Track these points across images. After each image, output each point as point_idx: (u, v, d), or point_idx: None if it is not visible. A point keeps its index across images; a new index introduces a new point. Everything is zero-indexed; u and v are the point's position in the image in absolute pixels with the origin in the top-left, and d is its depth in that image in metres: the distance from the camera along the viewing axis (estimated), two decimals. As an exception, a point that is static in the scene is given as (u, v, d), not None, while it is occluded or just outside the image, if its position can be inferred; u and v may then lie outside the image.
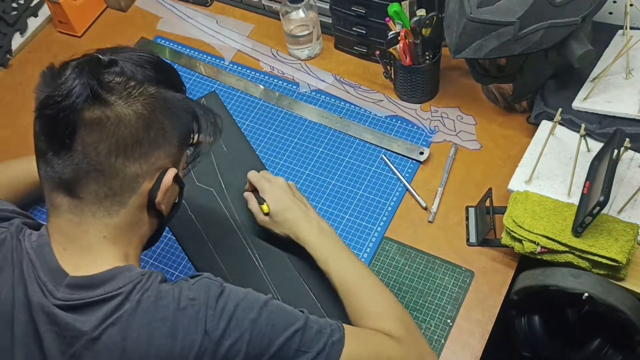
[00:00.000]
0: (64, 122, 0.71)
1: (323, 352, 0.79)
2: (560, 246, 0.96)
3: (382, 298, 0.94)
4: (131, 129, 0.73)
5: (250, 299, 0.78)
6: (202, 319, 0.73)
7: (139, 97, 0.74)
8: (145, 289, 0.74)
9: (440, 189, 1.15)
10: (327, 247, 1.00)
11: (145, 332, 0.72)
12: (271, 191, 1.06)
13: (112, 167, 0.73)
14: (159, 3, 1.56)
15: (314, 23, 1.34)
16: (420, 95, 1.27)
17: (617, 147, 0.93)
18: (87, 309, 0.72)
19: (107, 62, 0.75)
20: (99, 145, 0.72)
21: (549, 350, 1.07)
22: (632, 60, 1.13)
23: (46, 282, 0.74)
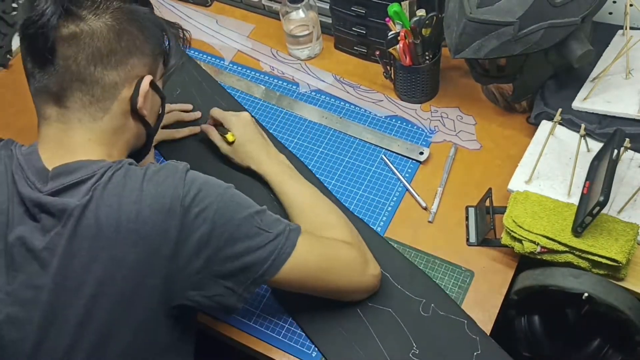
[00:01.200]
0: (43, 38, 0.80)
1: (282, 234, 0.88)
2: (560, 246, 0.96)
3: (332, 213, 1.04)
4: (104, 40, 0.82)
5: (216, 180, 0.87)
6: (171, 186, 0.81)
7: (106, 11, 0.83)
8: (117, 168, 0.82)
9: (440, 189, 1.15)
10: (283, 174, 1.10)
11: (116, 201, 0.79)
12: (237, 124, 1.15)
13: (92, 76, 0.82)
14: (159, 3, 1.56)
15: (314, 23, 1.34)
16: (420, 95, 1.27)
17: (617, 147, 0.93)
18: (69, 190, 0.80)
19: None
20: (77, 57, 0.81)
21: (549, 350, 1.07)
22: (632, 60, 1.13)
23: (34, 182, 0.82)
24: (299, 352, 1.01)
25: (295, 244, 0.88)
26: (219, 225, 0.82)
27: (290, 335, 1.03)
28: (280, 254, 0.87)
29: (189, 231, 0.80)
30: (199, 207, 0.81)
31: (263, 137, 1.16)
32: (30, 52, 0.83)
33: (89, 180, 0.81)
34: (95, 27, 0.81)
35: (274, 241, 0.86)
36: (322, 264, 0.92)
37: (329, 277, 0.94)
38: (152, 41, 0.89)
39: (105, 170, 0.82)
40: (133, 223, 0.78)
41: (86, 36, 0.81)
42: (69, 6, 0.80)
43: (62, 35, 0.80)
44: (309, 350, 1.01)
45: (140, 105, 0.87)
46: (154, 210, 0.79)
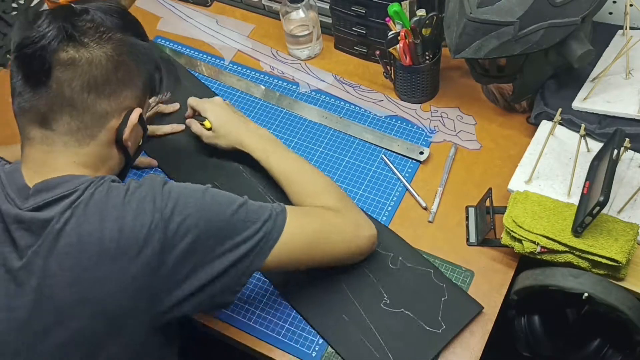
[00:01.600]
0: (40, 60, 0.80)
1: (269, 220, 0.88)
2: (560, 246, 0.96)
3: (320, 180, 1.05)
4: (101, 69, 0.82)
5: (193, 186, 0.87)
6: (150, 200, 0.81)
7: (108, 41, 0.84)
8: (99, 185, 0.82)
9: (440, 189, 1.15)
10: (267, 148, 1.11)
11: (98, 218, 0.79)
12: (211, 109, 1.17)
13: (84, 103, 0.82)
14: (159, 3, 1.56)
15: (314, 23, 1.34)
16: (420, 95, 1.27)
17: (617, 147, 0.93)
18: (49, 206, 0.80)
19: (79, 10, 0.84)
20: (72, 82, 0.81)
21: (549, 350, 1.07)
22: (632, 60, 1.13)
23: (14, 199, 0.81)
24: (299, 352, 1.01)
25: (283, 227, 0.89)
26: (203, 230, 0.82)
27: (290, 335, 1.03)
28: (269, 239, 0.88)
29: (173, 242, 0.80)
30: (180, 216, 0.81)
31: (240, 115, 1.18)
32: (24, 72, 0.82)
33: (70, 195, 0.80)
34: (95, 56, 0.82)
35: (261, 229, 0.87)
36: (312, 238, 0.93)
37: (321, 250, 0.95)
38: (145, 75, 0.90)
39: (87, 186, 0.81)
40: (115, 241, 0.78)
41: (85, 63, 0.81)
42: (72, 32, 0.81)
43: (60, 59, 0.80)
44: (309, 350, 1.01)
45: (125, 137, 0.88)
46: (135, 225, 0.79)
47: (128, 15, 0.91)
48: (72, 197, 0.80)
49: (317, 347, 1.01)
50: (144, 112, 0.92)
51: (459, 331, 0.99)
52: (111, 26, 0.85)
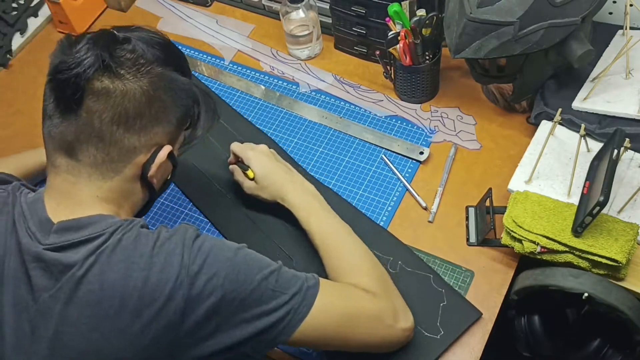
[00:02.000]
0: (74, 87, 0.76)
1: (299, 293, 0.83)
2: (560, 246, 0.96)
3: (360, 256, 0.97)
4: (135, 102, 0.78)
5: (226, 242, 0.83)
6: (179, 254, 0.77)
7: (146, 75, 0.79)
8: (127, 230, 0.79)
9: (440, 189, 1.15)
10: (310, 207, 1.04)
11: (123, 266, 0.75)
12: (255, 157, 1.09)
13: (112, 136, 0.79)
14: (159, 3, 1.56)
15: (314, 23, 1.34)
16: (420, 95, 1.27)
17: (617, 147, 0.93)
18: (73, 248, 0.77)
19: (121, 38, 0.81)
20: (102, 114, 0.77)
21: (549, 350, 1.07)
22: (632, 60, 1.13)
23: (35, 232, 0.78)
24: (299, 352, 1.01)
25: (313, 303, 0.83)
26: (229, 292, 0.78)
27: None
28: (296, 314, 0.82)
29: (198, 301, 0.76)
30: (207, 275, 0.77)
31: (285, 166, 1.10)
32: (56, 96, 0.79)
33: (95, 239, 0.77)
34: (130, 88, 0.78)
35: (289, 302, 0.82)
36: (343, 320, 0.86)
37: (351, 334, 0.88)
38: (181, 111, 0.86)
39: (114, 229, 0.78)
40: (139, 293, 0.74)
41: (118, 95, 0.78)
42: (109, 62, 0.77)
43: (93, 88, 0.77)
44: (309, 350, 1.01)
45: (151, 173, 0.84)
46: (161, 279, 0.75)
47: (171, 48, 0.86)
48: (97, 242, 0.77)
49: (317, 347, 1.01)
50: (176, 147, 0.88)
51: (457, 338, 0.98)
52: (151, 59, 0.81)
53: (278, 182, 1.06)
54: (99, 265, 0.75)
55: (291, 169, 1.10)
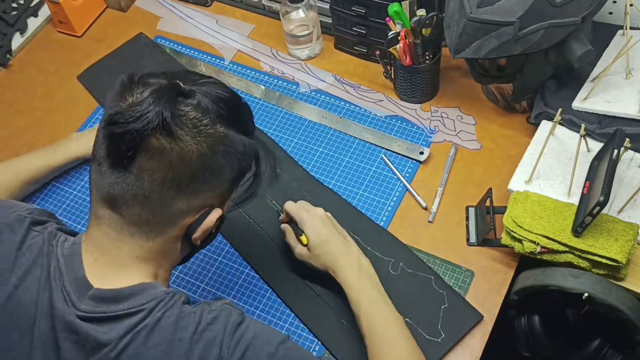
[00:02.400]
0: (128, 143, 0.71)
1: None
2: (560, 246, 0.96)
3: (407, 354, 0.89)
4: (190, 166, 0.73)
5: (269, 333, 0.77)
6: (219, 344, 0.72)
7: (206, 138, 0.74)
8: (168, 307, 0.74)
9: (440, 189, 1.15)
10: (363, 289, 0.95)
11: (161, 349, 0.71)
12: (310, 222, 1.01)
13: (161, 198, 0.74)
14: (159, 3, 1.56)
15: (314, 23, 1.34)
16: (420, 95, 1.27)
17: (617, 147, 0.93)
18: (109, 323, 0.72)
19: (186, 92, 0.75)
20: (154, 174, 0.72)
21: (549, 350, 1.07)
22: (632, 60, 1.13)
23: (70, 293, 0.74)
24: (299, 352, 1.01)
25: None
26: None
27: (291, 335, 1.02)
28: None
29: None
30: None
31: (342, 235, 1.01)
32: (108, 146, 0.73)
33: (134, 315, 0.72)
34: (187, 150, 0.72)
35: None
36: None
37: None
38: (236, 173, 0.80)
39: (155, 305, 0.73)
40: None
41: (174, 156, 0.72)
42: (169, 122, 0.71)
43: (148, 146, 0.71)
44: (309, 350, 1.01)
45: (196, 237, 0.79)
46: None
47: (238, 106, 0.80)
48: (135, 318, 0.72)
49: (318, 347, 1.01)
50: (225, 205, 0.82)
51: (458, 341, 0.98)
52: (215, 118, 0.75)
53: (332, 254, 0.98)
54: (134, 347, 0.71)
55: (348, 238, 1.02)
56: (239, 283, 1.09)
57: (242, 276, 1.10)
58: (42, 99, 1.40)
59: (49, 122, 1.36)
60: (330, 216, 1.04)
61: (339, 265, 0.97)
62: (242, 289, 1.09)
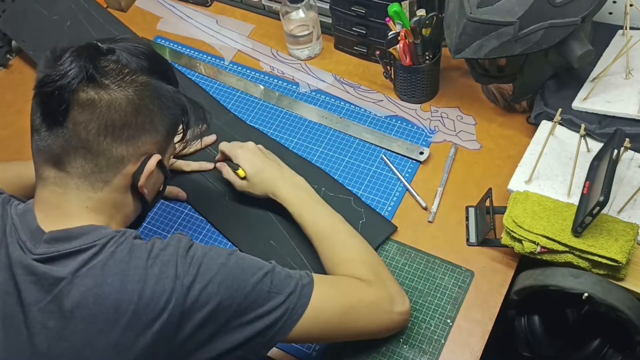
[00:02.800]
0: (59, 99, 0.76)
1: (294, 293, 0.84)
2: (560, 246, 0.96)
3: (354, 245, 1.00)
4: (121, 112, 0.78)
5: (218, 250, 0.83)
6: (173, 265, 0.77)
7: (131, 84, 0.79)
8: (120, 242, 0.78)
9: (440, 189, 1.15)
10: (301, 200, 1.06)
11: (118, 279, 0.75)
12: (244, 156, 1.11)
13: (100, 146, 0.78)
14: (159, 3, 1.56)
15: (314, 23, 1.34)
16: (420, 95, 1.27)
17: (617, 147, 0.93)
18: (64, 260, 0.76)
19: (105, 50, 0.80)
20: (89, 125, 0.77)
21: (549, 350, 1.07)
22: (632, 60, 1.13)
23: (26, 242, 0.78)
24: (299, 352, 1.01)
25: (309, 301, 0.84)
26: (224, 298, 0.78)
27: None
28: (292, 314, 0.83)
29: (192, 310, 0.76)
30: (201, 283, 0.77)
31: (274, 162, 1.12)
32: (42, 109, 0.79)
33: (87, 250, 0.76)
34: (115, 98, 0.78)
35: (285, 302, 0.82)
36: (340, 314, 0.88)
37: (349, 326, 0.90)
38: (169, 120, 0.85)
39: (106, 241, 0.77)
40: (134, 305, 0.74)
41: (104, 105, 0.77)
42: (93, 73, 0.77)
43: (78, 100, 0.77)
44: (309, 350, 1.01)
45: (141, 183, 0.83)
46: (156, 291, 0.75)
47: (156, 57, 0.86)
48: (88, 253, 0.76)
49: (317, 346, 1.01)
50: (166, 157, 0.88)
51: (375, 248, 1.07)
52: (136, 68, 0.81)
53: (268, 178, 1.08)
54: (92, 279, 0.74)
55: (281, 164, 1.12)
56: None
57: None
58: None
59: (49, 122, 1.36)
60: (261, 147, 1.14)
61: (276, 187, 1.07)
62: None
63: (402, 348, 0.99)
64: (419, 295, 1.04)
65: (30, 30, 1.45)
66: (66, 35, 1.44)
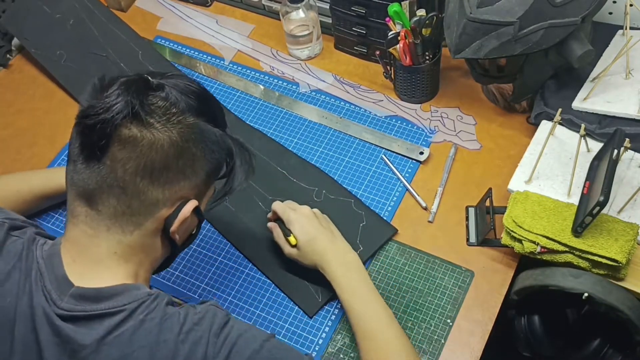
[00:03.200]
0: (100, 133, 0.72)
1: None
2: (560, 246, 0.96)
3: (399, 348, 0.91)
4: (162, 154, 0.74)
5: (254, 332, 0.78)
6: (204, 344, 0.73)
7: (176, 125, 0.75)
8: (151, 309, 0.74)
9: (440, 189, 1.15)
10: (353, 286, 0.97)
11: (146, 351, 0.71)
12: (298, 221, 1.03)
13: (135, 187, 0.74)
14: (159, 3, 1.56)
15: (314, 23, 1.34)
16: (420, 95, 1.27)
17: (617, 147, 0.93)
18: (90, 322, 0.72)
19: (155, 85, 0.77)
20: (127, 163, 0.73)
21: (549, 350, 1.07)
22: (632, 60, 1.13)
23: (51, 291, 0.74)
24: (299, 352, 1.01)
25: None
26: None
27: (290, 335, 1.03)
28: None
29: None
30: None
31: (328, 230, 1.03)
32: (81, 140, 0.75)
33: (115, 315, 0.72)
34: (158, 138, 0.74)
35: None
36: None
37: None
38: (212, 164, 0.81)
39: (137, 306, 0.73)
40: None
41: (145, 144, 0.73)
42: (138, 110, 0.73)
43: (120, 136, 0.73)
44: (309, 350, 1.01)
45: (173, 229, 0.78)
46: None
47: (206, 98, 0.82)
48: (116, 318, 0.72)
49: (317, 347, 1.01)
50: (203, 201, 0.83)
51: (375, 251, 1.08)
52: (184, 108, 0.76)
53: (320, 252, 1.00)
54: (117, 349, 0.71)
55: (334, 232, 1.04)
56: (238, 283, 1.09)
57: (242, 276, 1.10)
58: (42, 99, 1.40)
59: (49, 122, 1.36)
60: (317, 212, 1.06)
61: (326, 262, 1.00)
62: (242, 288, 1.09)
63: (402, 348, 0.99)
64: (419, 295, 1.04)
65: (33, 28, 1.45)
66: (69, 33, 1.44)
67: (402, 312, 1.03)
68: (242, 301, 1.07)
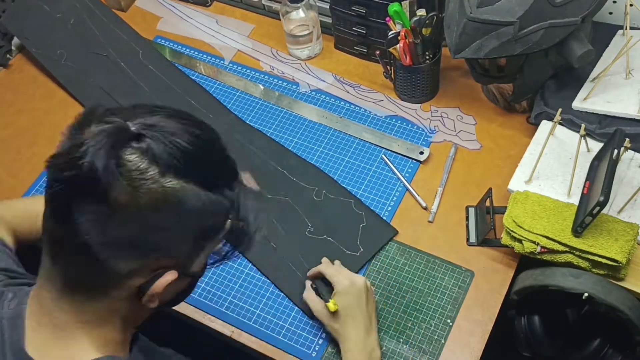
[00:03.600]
0: (65, 190, 0.61)
1: None
2: (560, 246, 0.96)
3: None
4: (127, 224, 0.62)
5: None
6: None
7: (151, 190, 0.61)
8: None
9: (440, 189, 1.15)
10: None
11: None
12: (347, 294, 0.96)
13: (99, 257, 0.62)
14: (159, 3, 1.56)
15: (314, 23, 1.34)
16: (420, 95, 1.27)
17: (617, 147, 0.93)
18: None
19: (134, 135, 0.62)
20: (91, 229, 0.61)
21: (549, 350, 1.07)
22: (632, 60, 1.13)
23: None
24: (299, 352, 1.01)
25: None
26: None
27: (290, 335, 1.03)
28: None
29: None
30: None
31: (368, 319, 0.96)
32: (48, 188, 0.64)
33: None
34: (124, 205, 0.60)
35: None
36: None
37: None
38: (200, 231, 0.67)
39: None
40: None
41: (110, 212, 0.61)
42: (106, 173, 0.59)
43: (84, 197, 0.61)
44: (309, 350, 1.01)
45: (146, 300, 0.67)
46: None
47: (199, 153, 0.65)
48: None
49: (317, 347, 1.01)
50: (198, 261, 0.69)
51: (375, 253, 1.08)
52: (164, 169, 0.61)
53: (350, 335, 0.94)
54: None
55: (372, 324, 0.97)
56: (238, 283, 1.09)
57: (242, 276, 1.10)
58: (42, 99, 1.40)
59: (49, 122, 1.36)
60: (369, 286, 0.99)
61: (349, 349, 0.94)
62: (242, 288, 1.09)
63: (402, 348, 0.99)
64: (419, 295, 1.04)
65: (34, 27, 1.45)
66: (69, 33, 1.44)
67: (402, 312, 1.03)
68: (242, 301, 1.07)
